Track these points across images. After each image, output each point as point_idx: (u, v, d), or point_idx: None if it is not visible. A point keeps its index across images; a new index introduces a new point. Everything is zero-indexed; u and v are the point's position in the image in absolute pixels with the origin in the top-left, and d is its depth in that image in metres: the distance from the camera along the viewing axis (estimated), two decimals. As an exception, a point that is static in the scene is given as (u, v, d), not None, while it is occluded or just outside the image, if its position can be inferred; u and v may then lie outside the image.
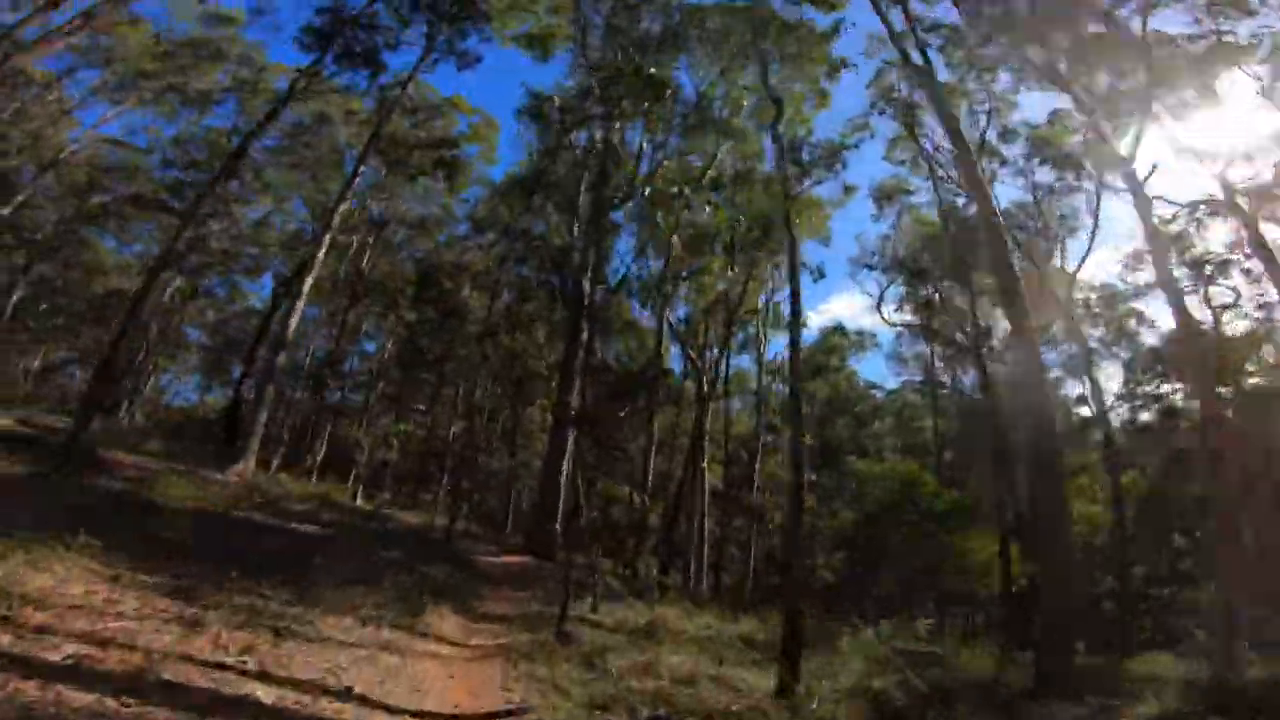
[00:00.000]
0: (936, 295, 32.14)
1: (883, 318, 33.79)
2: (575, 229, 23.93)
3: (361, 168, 23.45)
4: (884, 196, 31.21)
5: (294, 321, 20.04)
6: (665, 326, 27.03)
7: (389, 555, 11.08)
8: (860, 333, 35.67)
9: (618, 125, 23.58)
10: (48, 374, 45.95)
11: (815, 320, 65.68)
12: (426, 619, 8.30)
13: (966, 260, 27.32)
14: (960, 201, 27.56)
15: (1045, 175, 25.75)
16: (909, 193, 30.88)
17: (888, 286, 32.90)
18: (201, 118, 30.02)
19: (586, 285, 21.14)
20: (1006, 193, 52.35)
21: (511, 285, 20.33)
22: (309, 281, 20.73)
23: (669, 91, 20.46)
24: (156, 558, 7.44)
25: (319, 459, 27.36)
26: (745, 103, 24.40)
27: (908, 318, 34.42)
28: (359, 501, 21.99)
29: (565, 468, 18.67)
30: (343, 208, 22.60)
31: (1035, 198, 26.81)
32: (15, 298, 39.48)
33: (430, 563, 11.70)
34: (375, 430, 29.61)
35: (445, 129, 30.98)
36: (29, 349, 43.04)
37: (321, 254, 21.42)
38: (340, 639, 6.55)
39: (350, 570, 9.34)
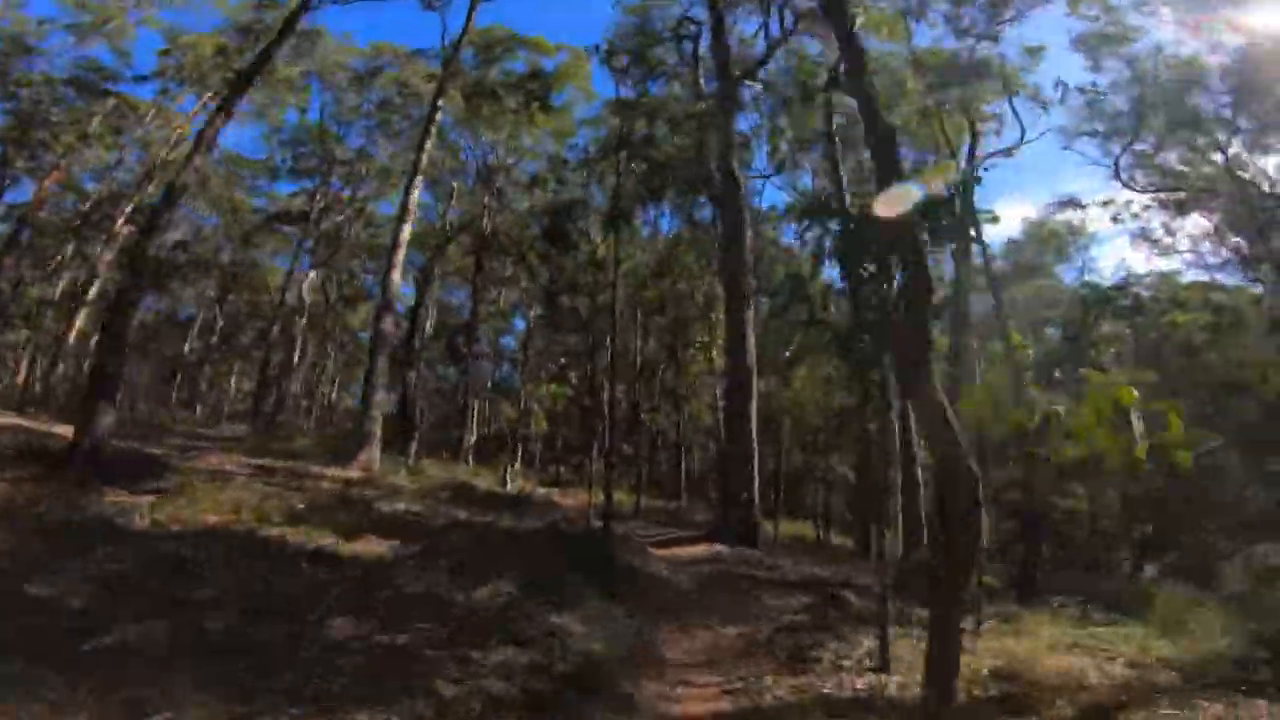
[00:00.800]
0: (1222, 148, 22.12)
1: (1123, 183, 24.26)
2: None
3: (440, 101, 19.06)
4: (1099, 44, 21.24)
5: (396, 276, 16.06)
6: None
7: (477, 599, 5.92)
8: (1107, 202, 25.21)
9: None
10: (258, 391, 49.00)
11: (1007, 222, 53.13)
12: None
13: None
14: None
15: None
16: (1129, 40, 20.89)
17: (1129, 144, 23.26)
18: (301, 108, 28.21)
19: (736, 167, 14.88)
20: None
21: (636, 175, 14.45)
22: (406, 229, 16.65)
23: None
24: None
25: (471, 441, 24.01)
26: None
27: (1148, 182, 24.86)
28: (509, 485, 17.90)
29: (753, 412, 12.90)
30: (428, 144, 18.30)
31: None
32: (219, 325, 41.40)
33: (563, 590, 6.48)
34: (527, 403, 25.92)
35: (531, 67, 26.15)
36: (233, 370, 45.55)
37: (415, 196, 17.27)
38: None
39: (370, 657, 4.32)
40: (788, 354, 24.03)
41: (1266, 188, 20.83)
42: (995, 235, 41.57)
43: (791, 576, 8.87)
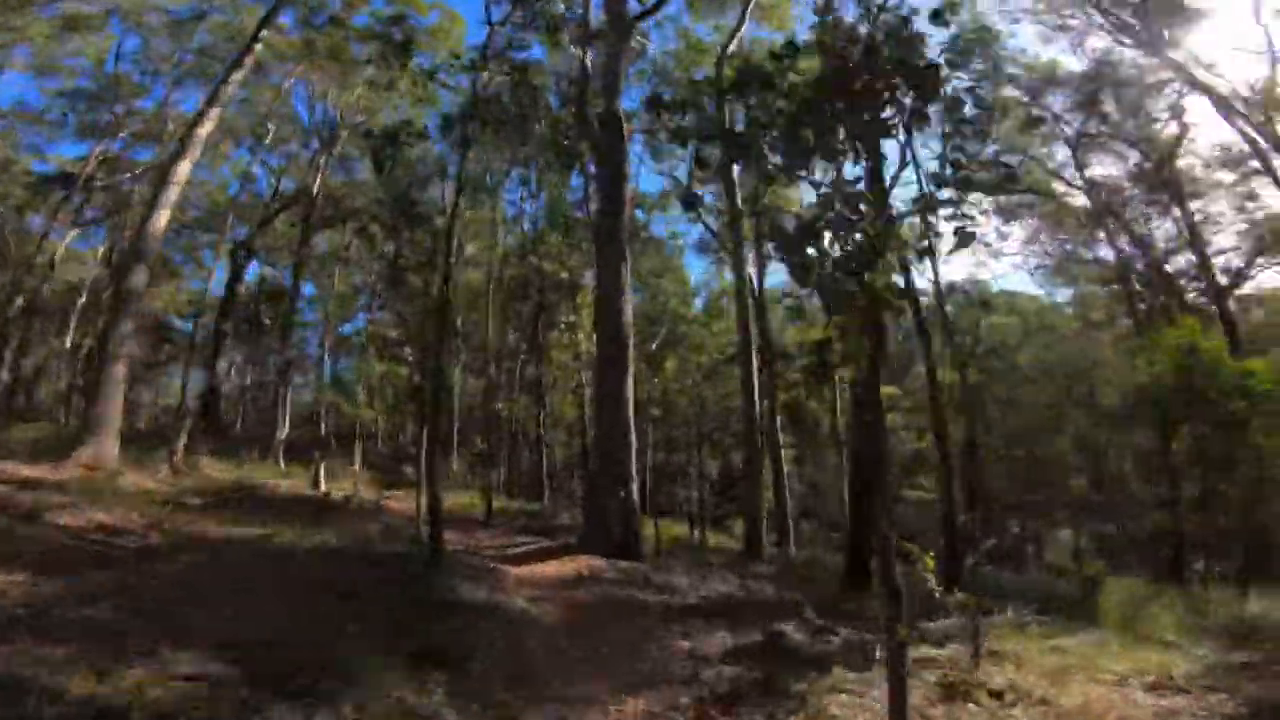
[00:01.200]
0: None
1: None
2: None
3: (263, 32, 14.81)
4: (971, 42, 21.39)
5: (160, 219, 11.61)
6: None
7: (113, 693, 2.81)
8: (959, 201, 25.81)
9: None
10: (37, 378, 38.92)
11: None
12: None
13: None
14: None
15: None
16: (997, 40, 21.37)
17: (978, 151, 24.03)
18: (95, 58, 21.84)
19: (619, 108, 12.30)
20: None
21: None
22: (185, 166, 12.29)
23: None
24: None
25: (283, 435, 19.33)
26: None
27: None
28: (323, 487, 13.93)
29: (630, 393, 10.38)
30: (237, 76, 13.98)
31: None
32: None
33: (334, 659, 3.49)
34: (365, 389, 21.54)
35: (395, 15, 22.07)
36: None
37: (204, 131, 12.87)
38: None
39: None
40: (654, 346, 22.15)
41: (1091, 194, 21.88)
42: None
43: (694, 598, 6.42)
